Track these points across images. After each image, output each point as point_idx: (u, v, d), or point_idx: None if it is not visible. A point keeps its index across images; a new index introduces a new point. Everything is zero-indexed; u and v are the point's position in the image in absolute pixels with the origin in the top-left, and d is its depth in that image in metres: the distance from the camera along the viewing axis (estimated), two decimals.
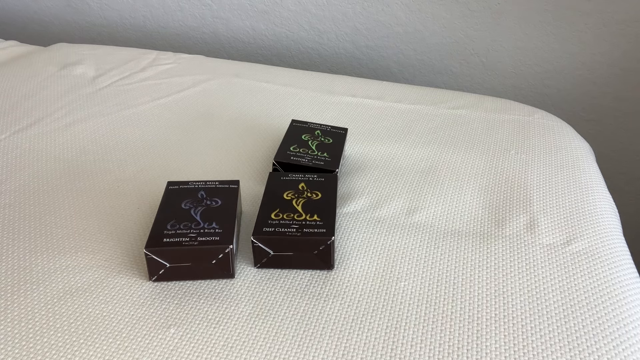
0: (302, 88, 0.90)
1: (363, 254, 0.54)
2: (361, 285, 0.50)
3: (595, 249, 0.56)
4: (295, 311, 0.47)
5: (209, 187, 0.56)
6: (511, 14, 1.00)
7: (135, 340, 0.44)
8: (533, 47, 1.03)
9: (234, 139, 0.74)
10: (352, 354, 0.43)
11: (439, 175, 0.67)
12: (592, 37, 0.99)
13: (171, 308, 0.47)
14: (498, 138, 0.77)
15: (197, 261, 0.48)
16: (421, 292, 0.50)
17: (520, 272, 0.52)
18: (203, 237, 0.48)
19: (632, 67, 1.00)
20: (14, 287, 0.49)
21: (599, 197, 0.65)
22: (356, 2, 1.07)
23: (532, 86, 1.07)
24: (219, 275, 0.49)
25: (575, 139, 0.79)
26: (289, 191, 0.56)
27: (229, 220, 0.51)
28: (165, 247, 0.48)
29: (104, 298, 0.48)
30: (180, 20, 1.20)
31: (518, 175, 0.68)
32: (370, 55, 1.12)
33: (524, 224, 0.59)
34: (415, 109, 0.84)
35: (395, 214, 0.60)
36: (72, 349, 0.43)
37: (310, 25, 1.12)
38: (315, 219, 0.52)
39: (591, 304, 0.49)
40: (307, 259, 0.51)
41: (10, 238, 0.55)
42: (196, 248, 0.48)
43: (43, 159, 0.68)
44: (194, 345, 0.44)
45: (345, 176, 0.66)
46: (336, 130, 0.71)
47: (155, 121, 0.78)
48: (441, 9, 1.03)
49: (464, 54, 1.07)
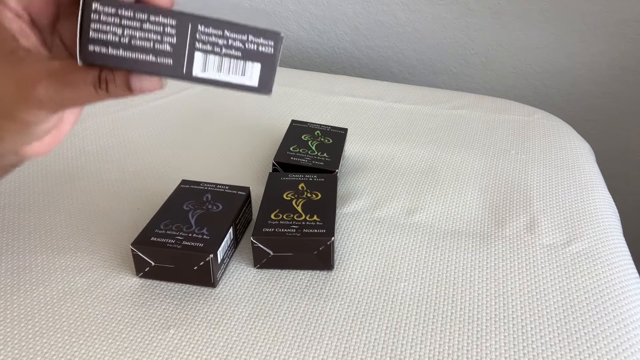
0: (302, 88, 0.90)
1: (363, 254, 0.54)
2: (361, 285, 0.50)
3: (595, 249, 0.56)
4: (295, 311, 0.47)
5: (217, 190, 0.56)
6: (511, 14, 1.00)
7: (135, 341, 0.44)
8: (533, 47, 1.03)
9: (234, 139, 0.74)
10: (352, 354, 0.43)
11: (439, 175, 0.67)
12: (592, 37, 0.99)
13: (171, 308, 0.47)
14: (498, 138, 0.77)
15: (179, 265, 0.48)
16: (421, 292, 0.50)
17: (520, 272, 0.52)
18: (188, 241, 0.48)
19: (632, 67, 1.00)
20: (14, 287, 0.49)
21: (599, 197, 0.65)
22: (356, 2, 1.07)
23: (532, 86, 1.07)
24: (200, 283, 0.49)
25: (575, 139, 0.79)
26: (288, 191, 0.56)
27: (223, 227, 0.50)
28: (150, 245, 0.48)
29: (103, 298, 0.48)
30: None
31: (518, 176, 0.68)
32: (370, 55, 1.12)
33: (524, 224, 0.59)
34: (415, 109, 0.84)
35: (395, 214, 0.60)
36: (72, 349, 0.43)
37: (310, 25, 1.12)
38: (315, 220, 0.52)
39: (591, 304, 0.49)
40: (307, 259, 0.51)
41: (10, 238, 0.55)
42: (178, 252, 0.48)
43: (43, 159, 0.68)
44: (194, 345, 0.44)
45: (345, 176, 0.66)
46: (336, 130, 0.71)
47: (155, 121, 0.78)
48: (441, 9, 1.03)
49: (464, 54, 1.07)
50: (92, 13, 0.30)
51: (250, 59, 0.32)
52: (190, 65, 0.31)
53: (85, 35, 0.30)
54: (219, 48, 0.31)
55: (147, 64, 0.31)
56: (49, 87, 0.31)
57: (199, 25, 0.31)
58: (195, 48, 0.31)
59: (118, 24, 0.30)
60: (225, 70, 0.32)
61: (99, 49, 0.31)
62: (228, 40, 0.31)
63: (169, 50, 0.31)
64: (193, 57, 0.31)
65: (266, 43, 0.32)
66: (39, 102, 0.32)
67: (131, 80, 0.31)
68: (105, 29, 0.30)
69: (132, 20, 0.30)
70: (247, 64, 0.32)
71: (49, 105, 0.32)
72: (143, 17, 0.30)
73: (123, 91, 0.32)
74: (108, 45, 0.31)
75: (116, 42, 0.31)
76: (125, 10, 0.30)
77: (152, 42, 0.31)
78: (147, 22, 0.31)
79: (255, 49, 0.32)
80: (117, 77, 0.31)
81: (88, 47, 0.31)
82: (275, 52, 0.32)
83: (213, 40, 0.31)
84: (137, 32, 0.31)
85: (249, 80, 0.32)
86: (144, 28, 0.31)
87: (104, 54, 0.31)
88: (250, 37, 0.32)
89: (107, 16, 0.30)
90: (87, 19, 0.30)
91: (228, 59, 0.32)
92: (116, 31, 0.30)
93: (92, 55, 0.31)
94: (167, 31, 0.31)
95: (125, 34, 0.31)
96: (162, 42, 0.31)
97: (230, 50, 0.32)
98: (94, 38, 0.30)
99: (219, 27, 0.31)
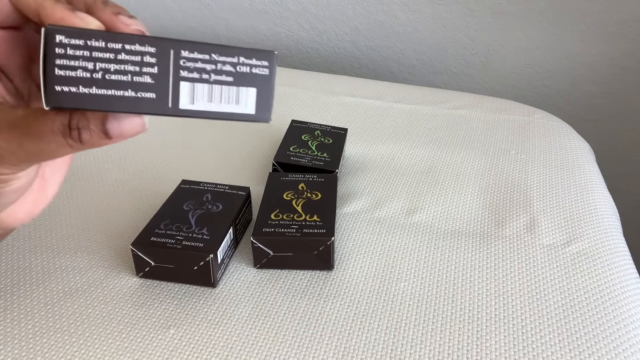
0: (302, 88, 0.90)
1: (363, 254, 0.54)
2: (361, 285, 0.50)
3: (595, 249, 0.56)
4: (295, 311, 0.47)
5: (217, 190, 0.56)
6: (511, 14, 1.00)
7: (135, 341, 0.44)
8: (533, 47, 1.03)
9: (234, 139, 0.74)
10: (352, 354, 0.43)
11: (439, 175, 0.67)
12: (592, 37, 0.99)
13: (171, 308, 0.47)
14: (498, 138, 0.77)
15: (179, 265, 0.48)
16: (421, 292, 0.50)
17: (520, 272, 0.52)
18: (188, 241, 0.48)
19: (632, 67, 1.00)
20: (14, 287, 0.49)
21: (599, 197, 0.65)
22: (356, 2, 1.07)
23: (532, 86, 1.07)
24: (200, 282, 0.49)
25: (575, 139, 0.79)
26: (288, 191, 0.56)
27: (223, 227, 0.50)
28: (150, 245, 0.48)
29: (103, 298, 0.48)
30: (180, 20, 1.20)
31: (518, 176, 0.68)
32: (370, 55, 1.12)
33: (524, 224, 0.59)
34: (415, 109, 0.84)
35: (395, 214, 0.60)
36: (72, 349, 0.43)
37: (310, 25, 1.12)
38: (315, 220, 0.52)
39: (591, 304, 0.49)
40: (307, 259, 0.51)
41: (10, 238, 0.55)
42: (178, 252, 0.48)
43: None
44: (194, 345, 0.44)
45: (345, 176, 0.66)
46: (336, 130, 0.71)
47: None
48: (441, 9, 1.03)
49: (464, 54, 1.07)
50: (55, 47, 0.25)
51: (244, 84, 0.28)
52: (177, 97, 0.27)
53: (50, 74, 0.26)
54: (207, 75, 0.28)
55: (126, 100, 0.27)
56: (9, 140, 0.27)
57: (182, 50, 0.27)
58: (181, 77, 0.27)
59: (88, 57, 0.26)
60: (217, 100, 0.28)
61: (67, 88, 0.26)
62: (217, 65, 0.28)
63: (150, 82, 0.27)
64: (179, 88, 0.27)
65: (260, 64, 0.28)
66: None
67: (108, 125, 0.27)
68: (74, 64, 0.26)
69: (104, 52, 0.26)
70: (241, 89, 0.28)
71: (11, 161, 0.27)
72: (117, 46, 0.26)
73: (99, 138, 0.27)
74: (78, 84, 0.26)
75: (87, 78, 0.26)
76: (95, 40, 0.26)
77: (129, 75, 0.27)
78: (122, 52, 0.26)
79: (248, 72, 0.28)
80: (92, 122, 0.27)
81: (54, 87, 0.26)
82: (271, 73, 0.29)
83: (200, 66, 0.27)
84: (111, 65, 0.26)
85: (245, 107, 0.28)
86: (119, 59, 0.26)
87: (74, 94, 0.26)
88: (241, 59, 0.28)
89: (74, 49, 0.26)
90: (51, 55, 0.25)
91: (219, 86, 0.28)
92: (86, 65, 0.26)
93: (59, 97, 0.26)
94: (146, 60, 0.27)
95: (97, 68, 0.26)
96: (142, 73, 0.27)
97: (220, 76, 0.28)
98: (60, 76, 0.26)
99: (205, 50, 0.27)
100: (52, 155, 0.27)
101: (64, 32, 0.25)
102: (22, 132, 0.27)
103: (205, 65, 0.27)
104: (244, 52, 0.28)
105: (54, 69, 0.26)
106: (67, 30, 0.25)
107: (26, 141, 0.27)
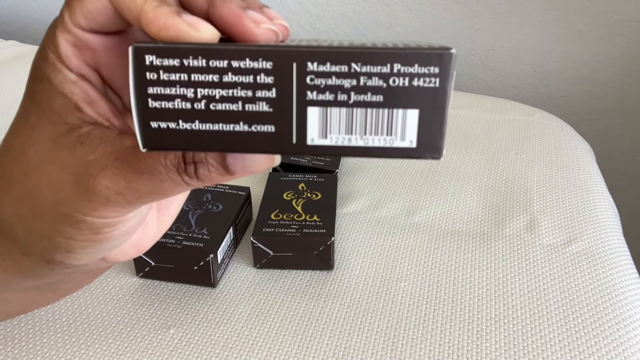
0: None
1: (363, 254, 0.54)
2: (361, 285, 0.50)
3: (595, 249, 0.56)
4: (295, 311, 0.47)
5: (217, 190, 0.56)
6: (511, 14, 1.00)
7: (135, 341, 0.44)
8: (533, 47, 1.03)
9: None
10: (352, 354, 0.43)
11: (439, 176, 0.67)
12: (592, 37, 0.99)
13: (171, 308, 0.47)
14: (498, 138, 0.77)
15: (179, 265, 0.48)
16: (421, 292, 0.50)
17: (520, 273, 0.52)
18: (188, 241, 0.48)
19: (632, 67, 1.00)
20: None
21: (599, 197, 0.65)
22: (356, 2, 1.07)
23: (532, 86, 1.07)
24: (200, 283, 0.49)
25: (575, 139, 0.79)
26: (288, 191, 0.56)
27: (223, 227, 0.50)
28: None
29: (103, 298, 0.48)
30: None
31: (518, 176, 0.68)
32: None
33: (524, 224, 0.59)
34: None
35: (395, 214, 0.60)
36: (72, 349, 0.43)
37: (310, 25, 1.12)
38: (315, 220, 0.52)
39: (591, 304, 0.49)
40: (307, 259, 0.51)
41: None
42: (178, 252, 0.48)
43: None
44: (194, 345, 0.44)
45: (345, 176, 0.66)
46: None
47: None
48: (441, 9, 1.03)
49: (464, 54, 1.07)
50: (147, 71, 0.20)
51: (400, 105, 0.20)
52: (303, 129, 0.20)
53: (142, 106, 0.20)
54: (344, 95, 0.20)
55: (237, 137, 0.20)
56: (116, 180, 0.22)
57: (308, 62, 0.19)
58: (308, 101, 0.20)
59: (186, 82, 0.20)
60: (359, 130, 0.20)
61: (165, 124, 0.20)
62: (359, 79, 0.19)
63: (267, 110, 0.20)
64: (305, 116, 0.20)
65: (426, 72, 0.20)
66: (104, 199, 0.23)
67: (229, 158, 0.22)
68: (169, 92, 0.20)
69: (206, 73, 0.20)
70: (395, 113, 0.20)
71: (118, 203, 0.23)
72: (221, 64, 0.20)
73: (218, 174, 0.22)
74: (177, 117, 0.20)
75: (188, 110, 0.20)
76: (193, 58, 0.20)
77: (240, 103, 0.20)
78: (228, 72, 0.20)
79: (406, 86, 0.20)
80: (210, 155, 0.22)
81: (149, 124, 0.20)
82: (443, 86, 0.20)
83: (334, 83, 0.20)
84: (216, 91, 0.20)
85: (400, 139, 0.20)
86: (225, 82, 0.20)
87: (174, 132, 0.20)
88: (396, 66, 0.19)
89: (169, 72, 0.20)
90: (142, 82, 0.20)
91: (362, 109, 0.20)
92: (185, 93, 0.20)
93: (157, 136, 0.20)
94: (260, 81, 0.20)
95: (199, 95, 0.20)
96: (255, 99, 0.20)
97: (363, 95, 0.20)
98: (155, 109, 0.20)
99: (342, 59, 0.19)
100: (165, 194, 0.23)
101: (155, 51, 0.20)
102: (132, 169, 0.22)
103: (343, 81, 0.20)
104: (401, 56, 0.19)
105: (147, 99, 0.20)
106: (159, 48, 0.20)
107: (136, 180, 0.22)
